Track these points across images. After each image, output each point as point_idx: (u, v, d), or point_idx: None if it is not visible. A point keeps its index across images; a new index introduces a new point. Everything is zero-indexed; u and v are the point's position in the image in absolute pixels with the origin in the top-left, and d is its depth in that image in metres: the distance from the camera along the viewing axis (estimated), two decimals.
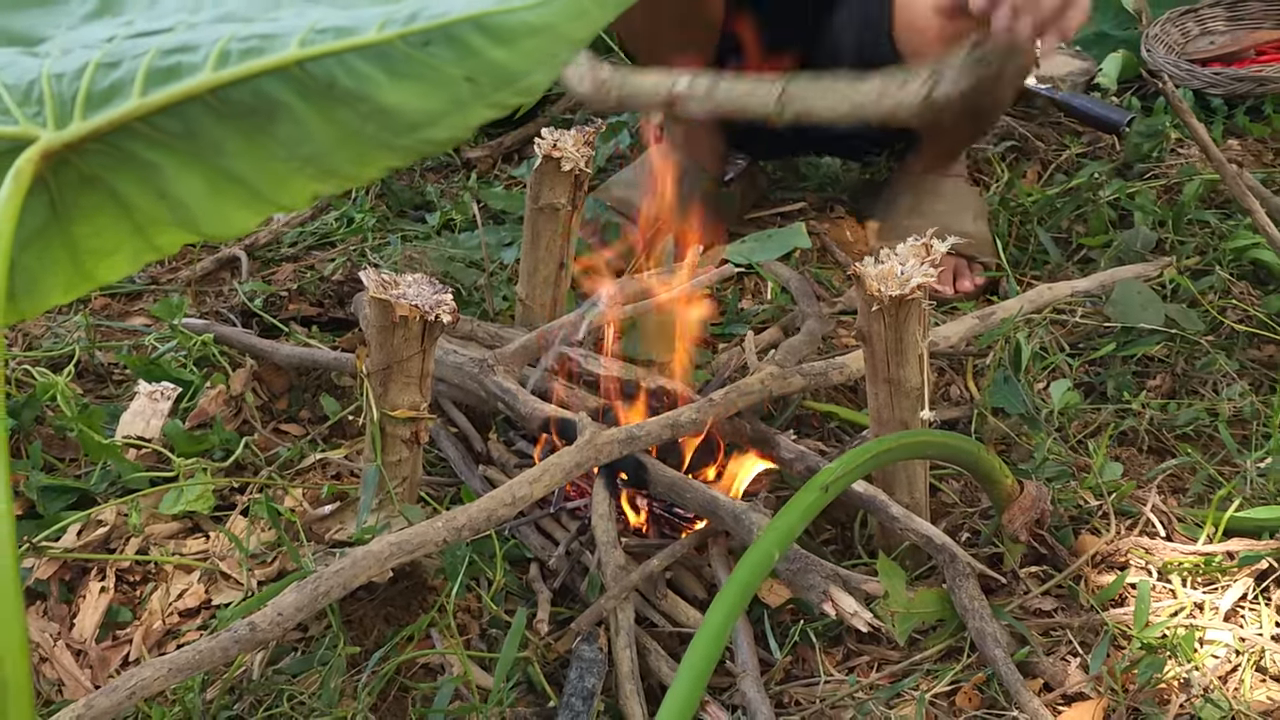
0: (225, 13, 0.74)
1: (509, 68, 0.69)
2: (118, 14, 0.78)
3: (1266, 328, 2.00)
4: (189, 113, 0.71)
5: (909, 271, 1.49)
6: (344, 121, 0.70)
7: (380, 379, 1.54)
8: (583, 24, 0.69)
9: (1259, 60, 2.88)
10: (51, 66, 0.74)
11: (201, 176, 0.73)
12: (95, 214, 0.74)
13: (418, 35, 0.69)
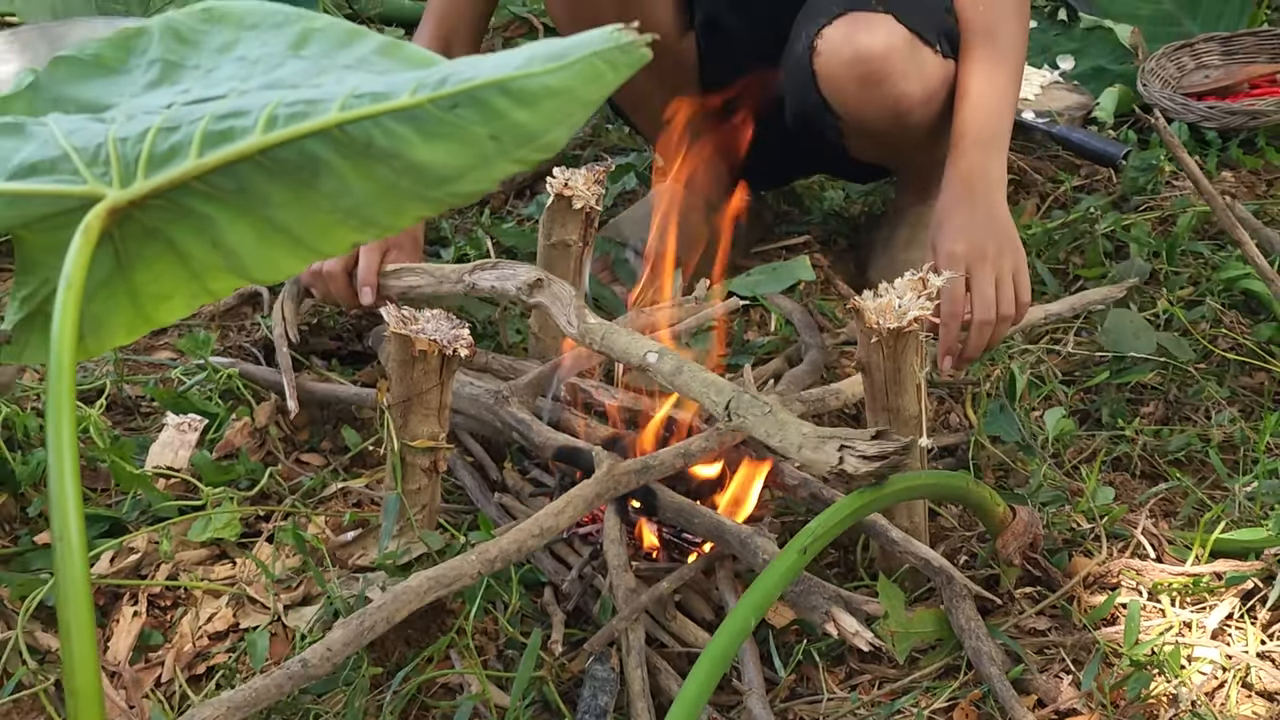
0: (273, 80, 0.82)
1: (530, 127, 0.76)
2: (176, 83, 0.86)
3: (1256, 355, 2.07)
4: (241, 171, 0.78)
5: (906, 305, 1.56)
6: (381, 177, 0.77)
7: (400, 411, 1.61)
8: (597, 87, 0.76)
9: (1252, 94, 2.95)
10: (117, 131, 0.81)
11: (251, 227, 0.80)
12: (155, 262, 0.82)
13: (447, 99, 0.76)
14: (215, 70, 0.85)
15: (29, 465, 1.78)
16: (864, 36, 1.99)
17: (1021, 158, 2.79)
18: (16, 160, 0.82)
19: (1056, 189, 2.68)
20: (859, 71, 2.00)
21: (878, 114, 2.03)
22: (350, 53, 0.83)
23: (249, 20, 0.87)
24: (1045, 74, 3.09)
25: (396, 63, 0.82)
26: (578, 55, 0.76)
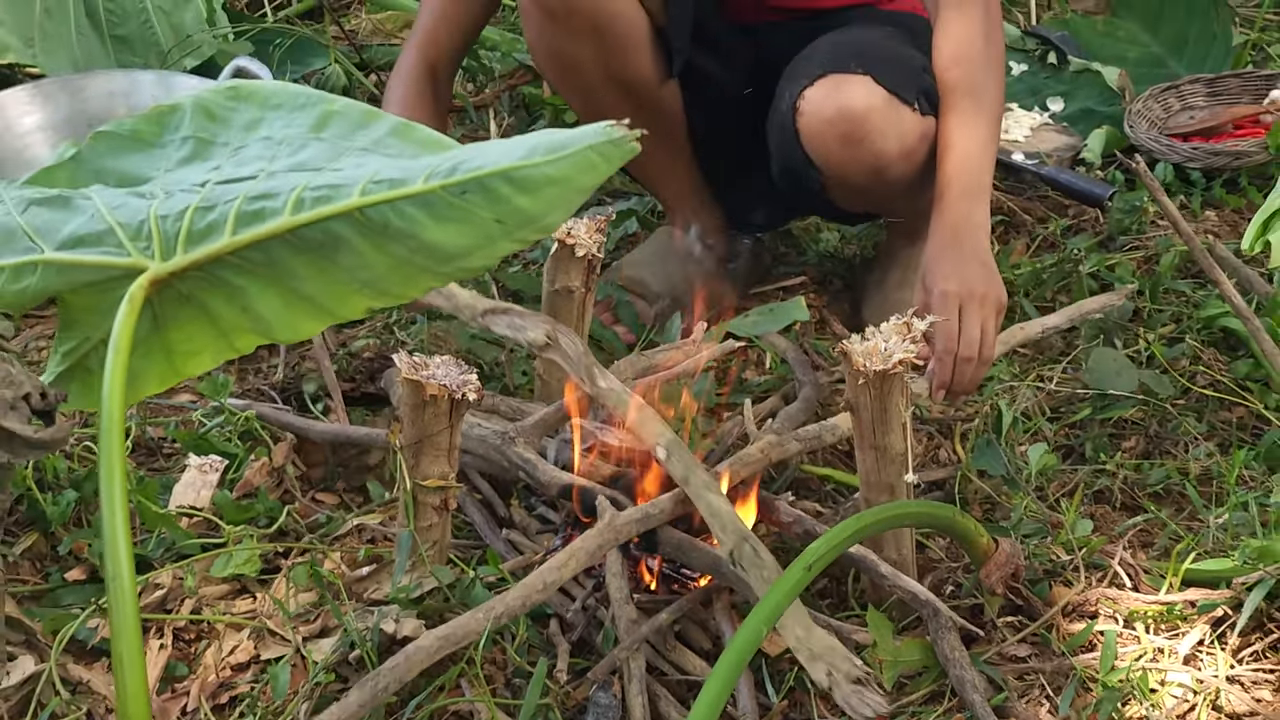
0: (297, 162, 0.91)
1: (531, 212, 0.85)
2: (207, 159, 0.95)
3: (1233, 391, 2.15)
4: (270, 247, 0.87)
5: (891, 348, 1.65)
6: (396, 254, 0.86)
7: (412, 452, 1.70)
8: (592, 176, 0.85)
9: (1236, 134, 3.03)
10: (158, 208, 0.90)
11: (278, 295, 0.89)
12: (188, 324, 0.91)
13: (457, 186, 0.85)
14: (244, 148, 0.94)
15: (59, 505, 1.87)
16: (844, 97, 2.09)
17: (1011, 198, 2.88)
18: (65, 232, 0.91)
19: (1045, 229, 2.76)
20: (840, 130, 2.10)
21: (859, 170, 2.13)
22: (367, 134, 0.93)
23: (273, 100, 0.97)
24: (1035, 116, 3.17)
25: (409, 145, 0.91)
26: (575, 148, 0.85)
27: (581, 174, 0.85)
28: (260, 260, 0.89)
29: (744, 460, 1.85)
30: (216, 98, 0.98)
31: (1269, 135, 2.84)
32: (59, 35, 3.03)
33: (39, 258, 0.91)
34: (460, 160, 0.87)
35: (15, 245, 0.92)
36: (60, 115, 2.96)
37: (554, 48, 2.22)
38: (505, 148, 0.88)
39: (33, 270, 0.92)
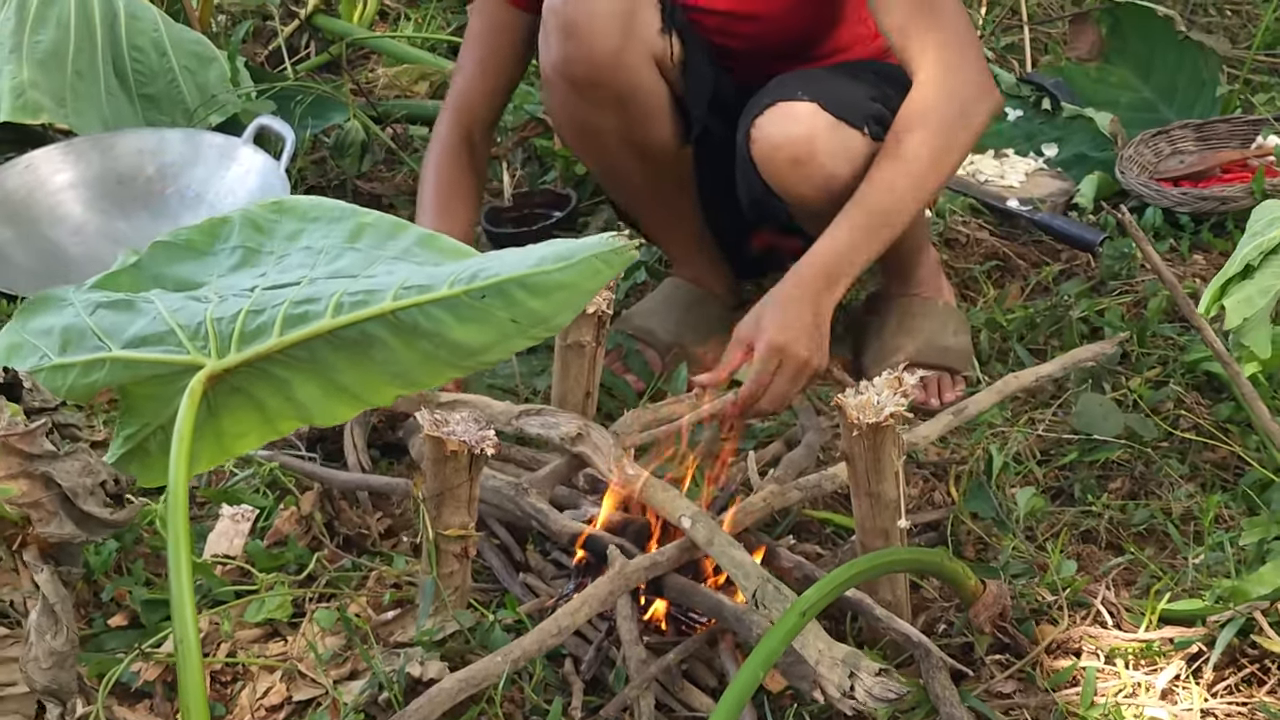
0: (335, 269, 1.02)
1: (543, 313, 0.96)
2: (255, 266, 1.06)
3: (1215, 434, 2.26)
4: (313, 345, 0.98)
5: (883, 402, 1.76)
6: (423, 350, 0.97)
7: (434, 503, 1.81)
8: (596, 279, 0.96)
9: (1224, 179, 3.14)
10: (213, 311, 1.01)
11: (318, 386, 1.00)
12: (238, 411, 1.02)
13: (477, 291, 0.96)
14: (287, 257, 1.06)
15: (101, 555, 1.98)
16: (789, 123, 2.21)
17: (1006, 243, 2.98)
18: (130, 332, 1.02)
19: (1039, 274, 2.87)
20: (788, 154, 2.21)
21: (813, 193, 2.24)
22: (396, 244, 1.04)
23: (311, 214, 1.08)
24: (1030, 161, 3.28)
25: (434, 254, 1.03)
26: (580, 256, 0.96)
27: (586, 279, 0.97)
28: (304, 357, 1.00)
29: (747, 509, 1.97)
30: (262, 211, 1.10)
31: (1253, 181, 2.94)
32: (90, 95, 3.15)
33: (107, 355, 1.03)
34: (480, 268, 0.98)
35: (85, 344, 1.03)
36: (91, 172, 3.09)
37: (577, 116, 2.34)
38: (519, 256, 0.99)
39: (101, 366, 1.03)
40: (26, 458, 1.02)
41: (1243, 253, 1.48)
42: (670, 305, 2.63)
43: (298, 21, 3.95)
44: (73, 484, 1.03)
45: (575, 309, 0.98)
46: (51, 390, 1.04)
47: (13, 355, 1.05)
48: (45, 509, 1.03)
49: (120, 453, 1.06)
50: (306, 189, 3.24)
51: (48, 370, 1.04)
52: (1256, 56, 3.77)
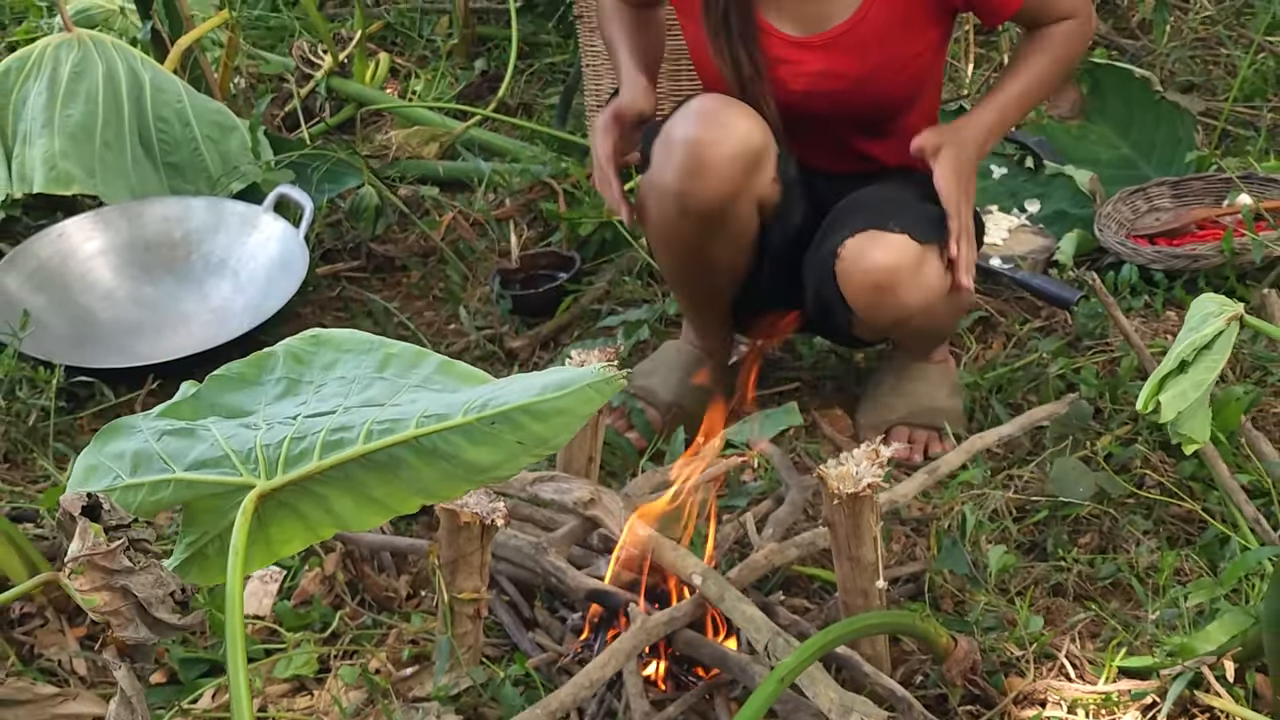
0: (366, 399, 1.18)
1: (544, 435, 1.12)
2: (296, 395, 1.22)
3: (1179, 490, 2.41)
4: (347, 467, 1.14)
5: (862, 473, 1.91)
6: (442, 469, 1.13)
7: (449, 569, 1.97)
8: (589, 405, 1.11)
9: (1199, 236, 3.29)
10: (261, 438, 1.17)
11: (352, 500, 1.16)
12: (284, 522, 1.17)
13: (488, 418, 1.12)
14: (324, 386, 1.21)
15: None
16: (880, 252, 2.40)
17: (989, 300, 3.14)
18: (191, 456, 1.18)
19: (1020, 330, 3.03)
20: (873, 280, 2.41)
21: (886, 318, 2.47)
22: (418, 372, 1.20)
23: (345, 345, 1.24)
24: (1013, 219, 3.44)
25: (451, 380, 1.19)
26: (576, 385, 1.12)
27: (581, 405, 1.12)
28: (340, 476, 1.16)
29: (750, 567, 2.13)
30: (301, 344, 1.26)
31: (1223, 240, 3.09)
32: (117, 165, 3.32)
33: (171, 477, 1.19)
34: (490, 397, 1.14)
35: (153, 467, 1.19)
36: (120, 240, 3.25)
37: (670, 228, 2.52)
38: (524, 385, 1.15)
39: (166, 486, 1.19)
40: (108, 573, 1.19)
41: (1179, 349, 1.63)
42: (671, 367, 2.78)
43: (313, 84, 4.13)
44: (147, 595, 1.19)
45: (572, 430, 1.14)
46: (123, 507, 1.21)
47: (90, 477, 1.21)
48: (124, 616, 1.19)
49: (183, 557, 1.22)
50: (324, 252, 3.41)
51: (120, 490, 1.20)
52: (1235, 109, 3.94)
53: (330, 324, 3.22)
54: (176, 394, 1.29)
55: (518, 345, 3.06)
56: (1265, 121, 3.87)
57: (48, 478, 2.61)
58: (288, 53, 4.50)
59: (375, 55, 4.41)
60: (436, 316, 3.26)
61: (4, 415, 2.72)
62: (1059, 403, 2.53)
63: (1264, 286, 2.99)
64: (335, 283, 3.35)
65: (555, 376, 1.14)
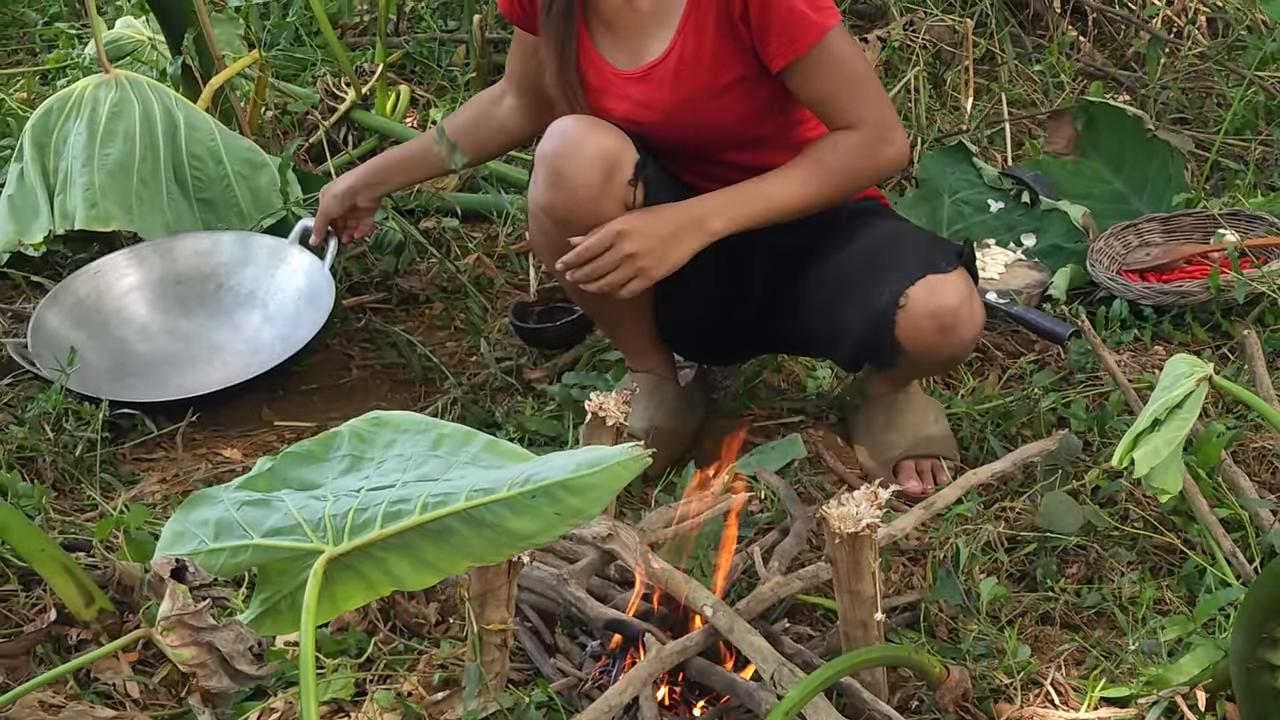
0: (422, 474, 1.33)
1: (579, 507, 1.27)
2: (360, 470, 1.37)
3: (1161, 524, 2.56)
4: (406, 535, 1.29)
5: (862, 514, 2.07)
6: (489, 537, 1.28)
7: (479, 602, 2.13)
8: (619, 480, 1.27)
9: (1188, 271, 3.44)
10: (329, 509, 1.33)
11: (409, 563, 1.31)
12: (348, 583, 1.33)
13: (530, 492, 1.27)
14: (384, 463, 1.37)
15: None
16: (945, 294, 2.58)
17: (986, 334, 3.28)
18: (267, 525, 1.33)
19: (1015, 363, 3.18)
20: (940, 323, 2.59)
21: (944, 354, 2.67)
22: (468, 450, 1.35)
23: (403, 426, 1.40)
24: (1009, 253, 3.59)
25: (497, 457, 1.34)
26: (607, 464, 1.27)
27: (612, 481, 1.27)
28: (398, 543, 1.31)
29: (757, 598, 2.28)
30: (364, 425, 1.42)
31: (1209, 277, 3.24)
32: (153, 202, 3.47)
33: (249, 543, 1.34)
34: (531, 473, 1.29)
35: (233, 533, 1.35)
36: (153, 275, 3.41)
37: (553, 245, 2.70)
38: (561, 462, 1.30)
39: (245, 550, 1.34)
40: (195, 630, 1.35)
41: (1152, 408, 1.78)
42: (635, 396, 2.92)
43: (336, 116, 4.28)
44: (229, 649, 1.35)
45: (603, 503, 1.29)
46: (206, 569, 1.36)
47: (177, 542, 1.36)
48: (209, 668, 1.35)
49: (258, 612, 1.37)
50: (350, 285, 3.56)
51: (204, 554, 1.35)
52: (1226, 141, 4.09)
53: (357, 355, 3.38)
54: (254, 468, 1.44)
55: (535, 376, 3.21)
56: (1254, 155, 4.03)
57: (95, 507, 2.76)
58: (310, 83, 4.66)
59: (396, 86, 4.56)
60: (459, 348, 3.41)
61: (52, 447, 2.87)
62: (1050, 439, 2.68)
63: (1246, 324, 3.15)
64: (361, 314, 3.51)
65: (588, 455, 1.30)
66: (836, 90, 2.62)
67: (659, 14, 2.67)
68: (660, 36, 2.67)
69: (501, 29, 4.92)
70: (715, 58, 2.64)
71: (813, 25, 2.56)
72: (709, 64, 2.65)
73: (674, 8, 2.65)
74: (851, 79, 2.63)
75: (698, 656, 2.19)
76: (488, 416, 3.08)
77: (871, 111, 2.64)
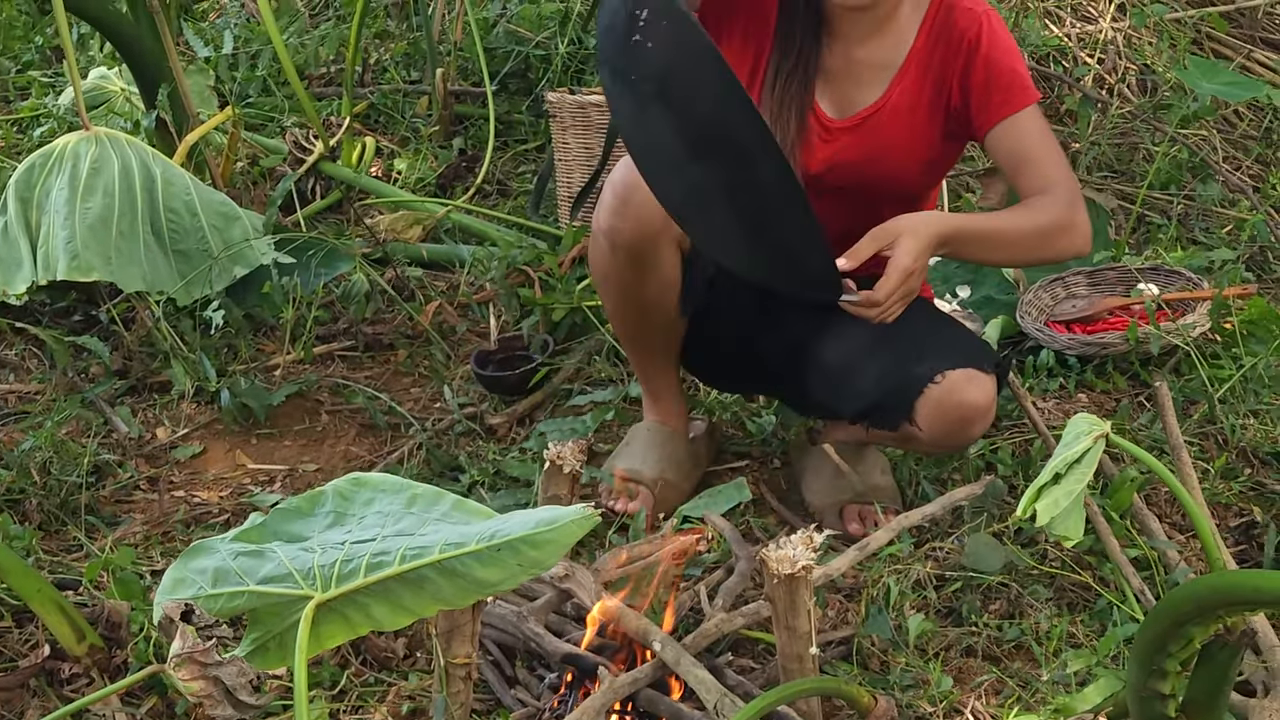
0: (398, 530, 1.52)
1: (538, 559, 1.45)
2: (343, 525, 1.56)
3: (1076, 563, 2.76)
4: (386, 583, 1.47)
5: (798, 556, 2.26)
6: (459, 585, 1.46)
7: (445, 638, 2.30)
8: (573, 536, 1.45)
9: (1110, 323, 3.65)
10: (317, 560, 1.51)
11: (388, 607, 1.49)
12: (334, 623, 1.51)
13: (495, 546, 1.46)
14: (365, 518, 1.55)
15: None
16: (977, 392, 2.72)
17: None
18: (261, 574, 1.52)
19: None
20: (964, 415, 2.72)
21: (952, 443, 2.83)
22: (438, 508, 1.54)
23: (381, 486, 1.59)
24: (946, 304, 3.79)
25: (465, 514, 1.53)
26: (563, 522, 1.46)
27: (566, 536, 1.46)
28: (379, 590, 1.49)
29: (703, 634, 2.47)
30: (346, 485, 1.60)
31: (1128, 330, 3.46)
32: (131, 253, 3.64)
33: (245, 589, 1.52)
34: (496, 529, 1.48)
35: (229, 580, 1.53)
36: None
37: (609, 269, 2.87)
38: (522, 520, 1.49)
39: (241, 596, 1.52)
40: (203, 665, 1.52)
41: (1053, 463, 1.98)
42: (648, 447, 3.10)
43: (305, 168, 4.47)
44: (233, 682, 1.52)
45: (559, 556, 1.48)
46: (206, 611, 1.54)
47: (177, 587, 1.54)
48: (215, 699, 1.53)
49: (248, 650, 1.55)
50: (320, 334, 3.74)
51: (204, 599, 1.53)
52: (1152, 195, 4.32)
53: (327, 400, 3.56)
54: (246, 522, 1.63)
55: (497, 422, 3.39)
56: (1176, 210, 4.26)
57: (80, 547, 2.93)
58: (279, 132, 4.84)
59: (362, 137, 4.75)
60: (423, 394, 3.59)
61: (39, 490, 3.03)
62: (977, 484, 2.88)
63: (1161, 374, 3.37)
64: (330, 361, 3.68)
65: (546, 514, 1.48)
66: (1038, 151, 2.75)
67: (879, 65, 2.78)
68: (874, 88, 2.80)
69: (463, 80, 5.12)
70: (925, 112, 2.79)
71: (1029, 87, 2.75)
72: (917, 118, 2.79)
73: (892, 62, 2.77)
74: (1050, 143, 2.79)
75: (647, 688, 2.37)
76: (452, 460, 3.26)
77: (1064, 175, 2.74)
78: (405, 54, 5.39)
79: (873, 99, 2.80)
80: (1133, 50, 4.90)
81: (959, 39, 2.74)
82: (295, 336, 3.63)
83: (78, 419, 3.36)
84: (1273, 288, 3.92)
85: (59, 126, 4.82)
